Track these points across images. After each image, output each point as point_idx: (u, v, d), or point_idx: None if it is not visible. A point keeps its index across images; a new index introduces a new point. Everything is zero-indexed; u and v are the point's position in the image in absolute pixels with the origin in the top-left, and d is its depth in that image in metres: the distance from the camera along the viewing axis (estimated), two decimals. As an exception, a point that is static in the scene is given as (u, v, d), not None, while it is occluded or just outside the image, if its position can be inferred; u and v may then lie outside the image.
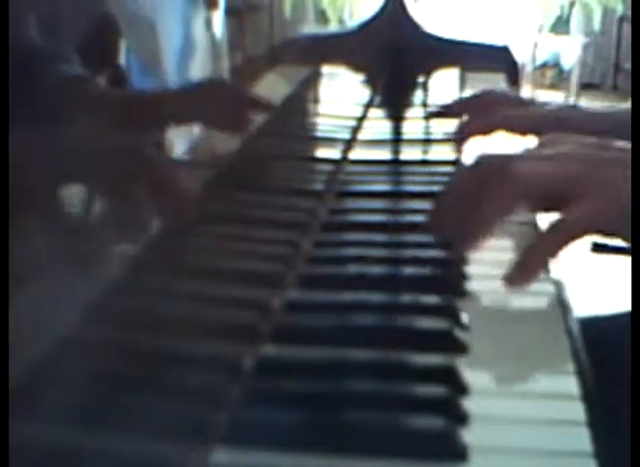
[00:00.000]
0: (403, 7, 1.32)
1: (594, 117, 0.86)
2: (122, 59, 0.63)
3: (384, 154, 0.92)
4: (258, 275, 0.56)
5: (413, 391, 0.45)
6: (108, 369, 0.38)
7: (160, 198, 0.51)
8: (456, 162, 0.84)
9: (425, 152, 0.93)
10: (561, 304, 0.56)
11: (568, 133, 0.62)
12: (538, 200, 0.56)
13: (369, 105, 1.08)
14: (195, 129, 0.71)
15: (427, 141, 0.95)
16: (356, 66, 1.28)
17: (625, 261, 0.58)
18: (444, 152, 0.88)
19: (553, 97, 3.94)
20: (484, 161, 0.58)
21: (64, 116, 0.50)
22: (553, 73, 4.74)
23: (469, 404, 0.44)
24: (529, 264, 0.54)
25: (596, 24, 4.36)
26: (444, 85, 1.25)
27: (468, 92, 1.02)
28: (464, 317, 0.53)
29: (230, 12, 0.80)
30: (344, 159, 0.85)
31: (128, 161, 0.51)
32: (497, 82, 1.23)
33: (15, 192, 0.40)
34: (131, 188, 0.51)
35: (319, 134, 1.02)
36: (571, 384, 0.46)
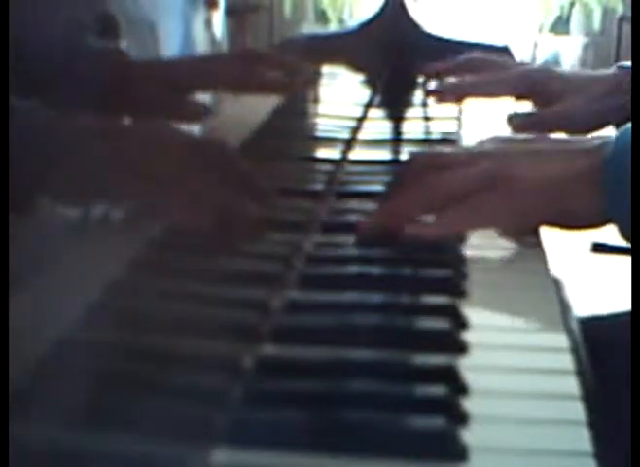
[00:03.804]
0: (403, 7, 1.32)
1: (571, 78, 0.88)
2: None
3: (384, 154, 0.92)
4: (258, 275, 0.56)
5: (413, 391, 0.45)
6: (108, 369, 0.38)
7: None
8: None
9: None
10: (561, 304, 0.56)
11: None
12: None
13: (369, 105, 1.08)
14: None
15: (427, 141, 0.95)
16: (356, 66, 1.29)
17: (625, 261, 0.58)
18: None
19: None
20: (409, 165, 0.67)
21: (104, 86, 0.51)
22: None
23: (469, 404, 0.44)
24: (389, 215, 0.62)
25: (596, 24, 4.36)
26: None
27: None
28: (464, 317, 0.53)
29: (230, 12, 0.80)
30: (344, 159, 0.85)
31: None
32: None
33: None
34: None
35: (319, 134, 1.02)
36: (571, 384, 0.46)
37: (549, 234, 0.66)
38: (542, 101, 0.88)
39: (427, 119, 1.06)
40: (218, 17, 0.81)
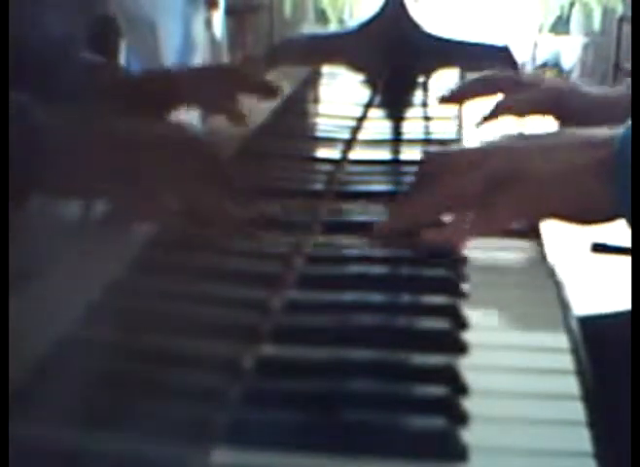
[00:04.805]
0: (403, 7, 1.32)
1: (593, 98, 0.88)
2: (122, 59, 0.63)
3: (384, 154, 0.92)
4: (258, 275, 0.56)
5: (413, 391, 0.45)
6: (108, 369, 0.38)
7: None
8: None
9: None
10: (561, 303, 0.56)
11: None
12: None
13: (369, 105, 1.08)
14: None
15: (427, 141, 0.95)
16: (356, 66, 1.28)
17: (625, 261, 0.58)
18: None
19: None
20: (423, 167, 0.67)
21: (88, 101, 0.50)
22: (553, 73, 4.75)
23: (469, 404, 0.44)
24: (399, 219, 0.63)
25: (596, 24, 4.36)
26: (444, 85, 1.24)
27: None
28: (464, 317, 0.53)
29: (230, 12, 0.80)
30: (344, 159, 0.85)
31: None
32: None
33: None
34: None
35: (319, 134, 1.02)
36: (571, 384, 0.46)
37: (549, 235, 0.66)
38: (564, 118, 0.88)
39: (427, 119, 1.06)
40: (218, 17, 0.81)
